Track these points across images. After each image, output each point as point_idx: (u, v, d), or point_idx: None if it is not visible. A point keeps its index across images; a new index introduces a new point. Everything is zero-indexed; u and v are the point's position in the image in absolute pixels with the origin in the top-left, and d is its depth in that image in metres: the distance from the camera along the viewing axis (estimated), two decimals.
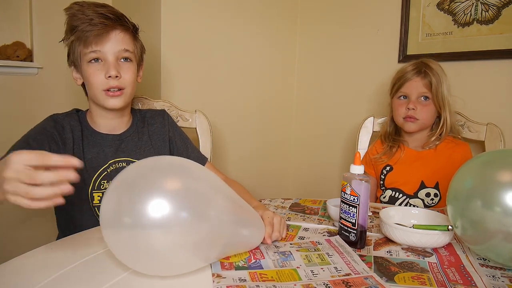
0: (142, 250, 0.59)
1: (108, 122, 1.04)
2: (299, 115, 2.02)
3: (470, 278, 0.66)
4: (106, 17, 0.94)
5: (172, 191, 0.60)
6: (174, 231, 0.58)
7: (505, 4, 1.33)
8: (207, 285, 0.62)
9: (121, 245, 0.61)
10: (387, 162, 1.33)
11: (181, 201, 0.60)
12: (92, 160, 1.00)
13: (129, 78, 0.99)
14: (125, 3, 1.63)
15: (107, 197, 0.62)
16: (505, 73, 1.36)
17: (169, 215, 0.58)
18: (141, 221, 0.57)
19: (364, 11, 1.71)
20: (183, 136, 1.17)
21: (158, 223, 0.57)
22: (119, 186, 0.62)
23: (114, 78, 0.96)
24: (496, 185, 0.69)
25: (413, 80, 1.27)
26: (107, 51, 0.96)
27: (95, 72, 0.96)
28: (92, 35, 0.93)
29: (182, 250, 0.61)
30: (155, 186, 0.60)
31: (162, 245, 0.59)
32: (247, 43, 1.74)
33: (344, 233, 0.81)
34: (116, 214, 0.60)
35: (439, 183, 1.26)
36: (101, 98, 0.97)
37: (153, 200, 0.58)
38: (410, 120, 1.27)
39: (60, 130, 0.97)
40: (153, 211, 0.57)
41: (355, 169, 0.80)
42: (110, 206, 0.61)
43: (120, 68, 0.97)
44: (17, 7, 1.49)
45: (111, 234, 0.61)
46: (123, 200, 0.59)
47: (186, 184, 0.63)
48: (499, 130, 1.25)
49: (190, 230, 0.60)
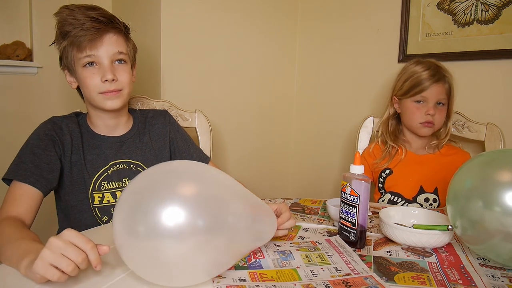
0: (156, 261, 0.57)
1: (106, 123, 1.04)
2: (299, 115, 2.01)
3: (470, 278, 0.66)
4: (98, 21, 0.93)
5: (188, 198, 0.58)
6: (189, 241, 0.56)
7: (505, 4, 1.33)
8: (207, 285, 0.62)
9: (135, 257, 0.59)
10: (387, 166, 1.31)
11: (197, 209, 0.57)
12: (92, 161, 1.00)
13: (125, 80, 0.99)
14: (125, 4, 1.63)
15: (119, 208, 0.60)
16: (505, 73, 1.35)
17: (185, 225, 0.55)
18: (156, 231, 0.55)
19: (364, 11, 1.71)
20: (185, 137, 1.17)
21: (173, 233, 0.55)
22: (130, 196, 0.60)
23: (110, 81, 0.95)
24: (496, 185, 0.69)
25: (436, 86, 1.24)
26: (102, 55, 0.95)
27: (91, 76, 0.95)
28: (85, 40, 0.92)
29: (199, 260, 0.58)
30: (169, 194, 0.58)
31: (178, 255, 0.57)
32: (247, 43, 1.74)
33: (344, 233, 0.81)
34: (129, 224, 0.58)
35: (438, 188, 1.25)
36: (99, 100, 0.97)
37: (168, 209, 0.56)
38: (428, 126, 1.26)
39: (58, 131, 0.97)
40: (168, 220, 0.55)
41: (355, 169, 0.80)
42: (121, 217, 0.59)
43: (116, 71, 0.97)
44: (17, 6, 1.49)
45: (125, 246, 0.59)
46: (136, 210, 0.58)
47: (201, 190, 0.60)
48: (499, 130, 1.25)
49: (207, 240, 0.57)
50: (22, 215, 0.85)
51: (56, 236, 0.59)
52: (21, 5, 1.49)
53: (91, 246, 0.59)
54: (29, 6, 1.48)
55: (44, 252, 0.57)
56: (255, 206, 0.70)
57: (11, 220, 0.81)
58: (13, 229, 0.78)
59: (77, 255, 0.57)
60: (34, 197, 0.88)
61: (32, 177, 0.88)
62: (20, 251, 0.66)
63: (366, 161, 1.37)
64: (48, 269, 0.57)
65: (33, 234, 0.77)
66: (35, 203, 0.88)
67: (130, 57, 1.03)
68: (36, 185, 0.88)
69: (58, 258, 0.57)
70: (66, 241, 0.58)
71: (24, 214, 0.85)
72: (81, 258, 0.58)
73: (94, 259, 0.59)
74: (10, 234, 0.75)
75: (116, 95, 0.98)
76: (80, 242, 0.59)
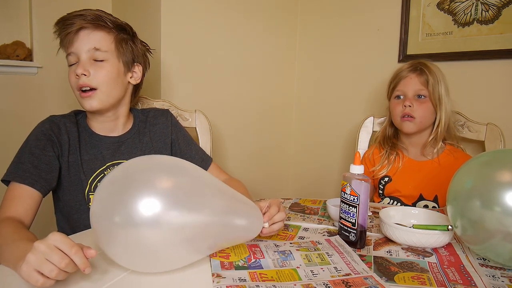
0: (133, 248, 0.60)
1: (103, 124, 1.03)
2: (299, 115, 2.02)
3: (470, 278, 0.66)
4: (78, 17, 0.93)
5: (160, 188, 0.61)
6: (164, 227, 0.60)
7: (505, 4, 1.33)
8: (207, 285, 0.62)
9: (112, 244, 0.62)
10: (386, 173, 1.29)
11: (169, 197, 0.61)
12: (89, 162, 0.99)
13: (100, 78, 0.95)
14: (125, 4, 1.63)
15: (97, 197, 0.63)
16: (505, 73, 1.35)
17: (159, 213, 0.59)
18: (132, 220, 0.58)
19: (364, 11, 1.71)
20: (187, 137, 1.15)
21: (148, 220, 0.59)
22: (108, 186, 0.63)
23: (80, 75, 0.93)
24: (496, 185, 0.69)
25: (409, 77, 1.25)
26: (78, 50, 0.95)
27: (70, 74, 0.97)
28: (63, 35, 0.94)
29: (173, 246, 0.62)
30: (144, 184, 0.61)
31: (153, 242, 0.60)
32: (247, 43, 1.74)
33: (344, 233, 0.81)
34: (106, 214, 0.60)
35: (438, 196, 1.23)
36: (79, 100, 0.97)
37: (143, 199, 0.59)
38: (408, 120, 1.23)
39: (56, 131, 0.96)
40: (143, 209, 0.59)
41: (355, 169, 0.80)
42: (99, 206, 0.62)
43: (91, 67, 0.95)
44: (17, 6, 1.49)
45: (103, 234, 0.62)
46: (113, 200, 0.61)
47: (174, 180, 0.64)
48: (499, 130, 1.25)
49: (180, 226, 0.61)
50: (21, 216, 0.85)
51: (41, 240, 0.58)
52: (21, 5, 1.49)
53: (75, 251, 0.57)
54: (29, 6, 1.48)
55: (28, 257, 0.56)
56: (232, 200, 0.72)
57: (10, 220, 0.81)
58: (12, 230, 0.77)
59: (60, 260, 0.56)
60: (33, 197, 0.88)
61: (31, 178, 0.88)
62: (17, 253, 0.65)
63: (366, 166, 1.35)
64: (31, 274, 0.56)
65: (32, 234, 0.77)
66: (34, 204, 0.88)
67: (118, 56, 1.00)
68: (35, 186, 0.88)
69: (42, 263, 0.56)
70: (51, 245, 0.57)
71: (24, 214, 0.85)
72: (64, 263, 0.56)
73: (80, 263, 0.58)
74: (9, 235, 0.75)
75: (90, 96, 0.95)
76: (64, 247, 0.57)
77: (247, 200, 0.76)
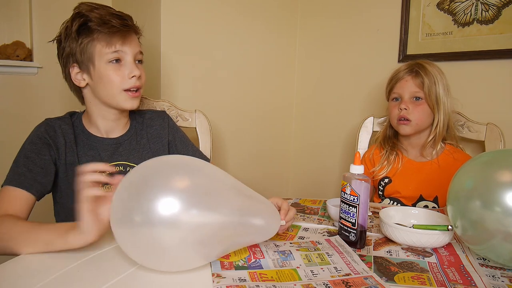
0: (151, 247, 0.61)
1: (108, 124, 1.03)
2: (299, 115, 2.02)
3: (470, 278, 0.66)
4: (125, 19, 0.96)
5: (180, 189, 0.62)
6: (182, 228, 0.60)
7: (505, 4, 1.33)
8: (207, 285, 0.62)
9: (130, 242, 0.63)
10: (386, 174, 1.29)
11: (189, 198, 0.62)
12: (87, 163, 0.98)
13: (144, 79, 1.03)
14: (125, 3, 1.62)
15: (118, 196, 0.64)
16: (505, 73, 1.35)
17: (178, 213, 0.60)
18: (151, 219, 0.59)
19: (364, 11, 1.71)
20: (184, 139, 1.16)
21: (167, 220, 0.59)
22: (129, 186, 0.64)
23: (137, 78, 0.98)
24: (496, 185, 0.69)
25: (404, 79, 1.25)
26: (129, 52, 0.97)
27: (116, 72, 0.96)
28: (116, 36, 0.94)
29: (191, 246, 0.63)
30: (164, 185, 0.62)
31: (171, 241, 0.61)
32: (247, 43, 1.74)
33: (344, 233, 0.81)
34: (126, 212, 0.62)
35: (438, 197, 1.23)
36: (120, 99, 0.98)
37: (162, 199, 0.60)
38: (403, 123, 1.24)
39: (52, 134, 0.96)
40: (162, 209, 0.59)
41: (355, 169, 0.80)
42: (120, 205, 0.63)
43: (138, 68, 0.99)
44: (17, 6, 1.49)
45: (121, 232, 0.63)
46: (133, 199, 0.62)
47: (193, 181, 0.65)
48: (499, 130, 1.25)
49: (198, 227, 0.62)
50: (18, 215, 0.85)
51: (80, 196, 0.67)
52: (21, 5, 1.49)
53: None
54: (29, 6, 1.48)
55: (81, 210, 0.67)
56: (251, 200, 0.72)
57: (14, 216, 0.82)
58: (25, 221, 0.81)
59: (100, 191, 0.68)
60: (28, 201, 0.88)
61: (27, 182, 0.88)
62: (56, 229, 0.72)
63: (366, 167, 1.35)
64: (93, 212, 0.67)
65: None
66: (28, 207, 0.88)
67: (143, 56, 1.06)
68: (31, 190, 0.88)
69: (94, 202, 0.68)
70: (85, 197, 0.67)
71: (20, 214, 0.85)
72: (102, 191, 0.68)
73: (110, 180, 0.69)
74: (28, 223, 0.77)
75: (138, 96, 1.01)
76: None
77: (264, 199, 0.76)
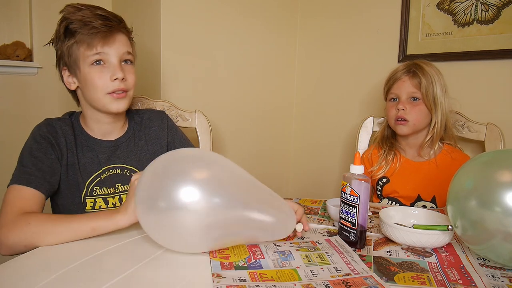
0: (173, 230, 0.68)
1: (103, 127, 1.02)
2: (299, 115, 2.02)
3: (470, 278, 0.66)
4: (108, 19, 0.93)
5: (201, 179, 0.69)
6: (200, 212, 0.67)
7: (505, 4, 1.33)
8: (207, 285, 0.62)
9: (153, 224, 0.70)
10: (384, 174, 1.30)
11: (209, 187, 0.69)
12: (86, 165, 0.98)
13: (132, 81, 0.99)
14: (125, 3, 1.63)
15: (144, 180, 0.70)
16: (505, 73, 1.35)
17: (199, 200, 0.67)
18: (174, 204, 0.67)
19: (364, 11, 1.71)
20: (183, 139, 1.15)
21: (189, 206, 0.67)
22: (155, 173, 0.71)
23: (120, 80, 0.95)
24: (496, 185, 0.69)
25: (402, 80, 1.25)
26: (112, 53, 0.94)
27: (99, 75, 0.93)
28: (97, 37, 0.92)
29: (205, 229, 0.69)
30: (186, 174, 0.69)
31: (191, 225, 0.68)
32: (248, 43, 1.74)
33: (344, 233, 0.81)
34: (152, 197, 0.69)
35: (436, 197, 1.23)
36: (105, 102, 0.95)
37: (184, 187, 0.67)
38: (401, 123, 1.24)
39: (54, 134, 0.95)
40: (184, 197, 0.67)
41: (355, 169, 0.80)
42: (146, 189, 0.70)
43: (124, 71, 0.96)
44: (17, 6, 1.49)
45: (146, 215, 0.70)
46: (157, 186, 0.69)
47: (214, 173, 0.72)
48: (499, 130, 1.25)
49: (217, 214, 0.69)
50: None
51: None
52: (21, 5, 1.49)
53: None
54: (29, 6, 1.48)
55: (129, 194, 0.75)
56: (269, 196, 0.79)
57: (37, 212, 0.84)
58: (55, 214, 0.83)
59: None
60: (40, 199, 0.87)
61: (37, 181, 0.87)
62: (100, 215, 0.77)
63: (365, 166, 1.35)
64: None
65: None
66: (41, 206, 0.88)
67: (135, 59, 1.03)
68: (41, 189, 0.87)
69: None
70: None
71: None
72: None
73: None
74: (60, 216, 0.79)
75: (123, 97, 0.97)
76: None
77: (283, 201, 0.81)
